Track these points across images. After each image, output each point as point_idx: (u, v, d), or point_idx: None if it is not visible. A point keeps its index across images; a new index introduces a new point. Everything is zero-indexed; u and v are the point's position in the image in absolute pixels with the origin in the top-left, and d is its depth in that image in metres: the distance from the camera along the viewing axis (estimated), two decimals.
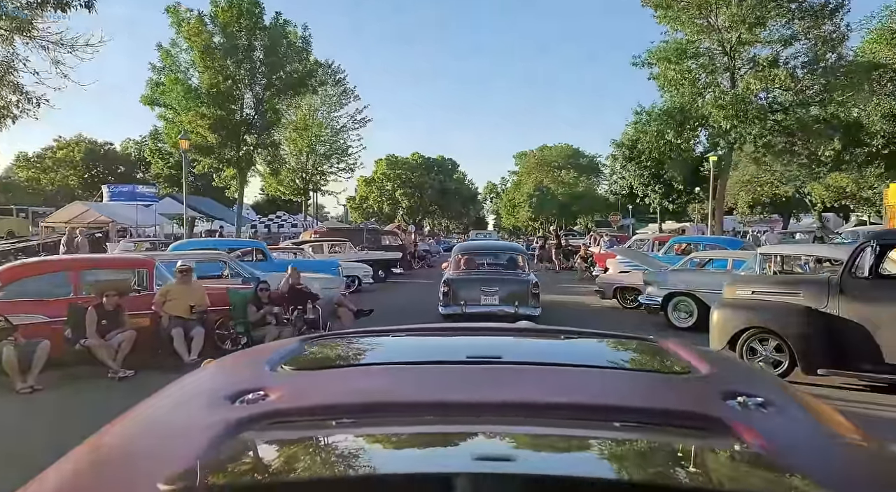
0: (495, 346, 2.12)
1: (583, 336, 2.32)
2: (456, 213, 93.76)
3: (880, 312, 7.40)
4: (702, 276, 12.41)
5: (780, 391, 1.65)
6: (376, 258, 23.49)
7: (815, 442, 1.36)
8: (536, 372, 1.68)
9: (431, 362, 1.78)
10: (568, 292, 19.51)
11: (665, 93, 26.77)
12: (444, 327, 2.57)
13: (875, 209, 46.41)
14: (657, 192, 37.09)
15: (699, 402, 1.46)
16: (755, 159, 29.51)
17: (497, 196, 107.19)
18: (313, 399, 1.45)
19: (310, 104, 41.78)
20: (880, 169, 31.27)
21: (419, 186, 77.67)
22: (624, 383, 1.67)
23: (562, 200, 73.81)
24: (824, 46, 23.97)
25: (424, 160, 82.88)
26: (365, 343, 2.26)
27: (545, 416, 1.34)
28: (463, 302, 12.16)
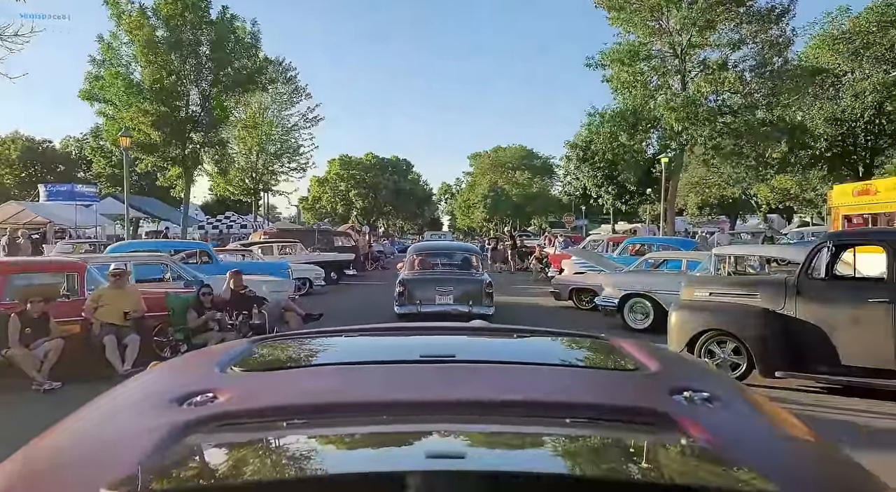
0: (449, 345, 2.10)
1: (535, 335, 2.34)
2: (411, 214, 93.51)
3: (836, 314, 7.35)
4: (658, 277, 12.35)
5: (726, 387, 1.67)
6: (328, 260, 23.00)
7: (760, 436, 1.38)
8: (489, 370, 1.68)
9: (384, 362, 1.76)
10: (523, 294, 19.34)
11: (618, 95, 26.94)
12: (398, 327, 2.55)
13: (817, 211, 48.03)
14: (610, 193, 37.45)
15: (647, 397, 1.47)
16: (705, 161, 30.00)
17: (452, 197, 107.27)
18: (264, 401, 1.42)
19: (260, 102, 40.84)
20: (823, 171, 32.22)
21: (373, 187, 77.06)
22: (575, 380, 1.69)
23: (516, 200, 74.24)
24: (771, 50, 24.50)
25: (378, 160, 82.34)
26: (317, 344, 2.22)
27: (498, 413, 1.34)
28: (418, 302, 12.35)
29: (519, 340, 2.28)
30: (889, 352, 7.00)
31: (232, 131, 36.62)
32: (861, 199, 20.76)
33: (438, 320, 11.49)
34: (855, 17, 29.94)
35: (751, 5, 24.53)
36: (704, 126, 23.74)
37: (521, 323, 12.54)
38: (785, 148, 26.95)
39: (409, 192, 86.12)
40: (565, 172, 47.31)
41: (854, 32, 29.27)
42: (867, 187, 20.68)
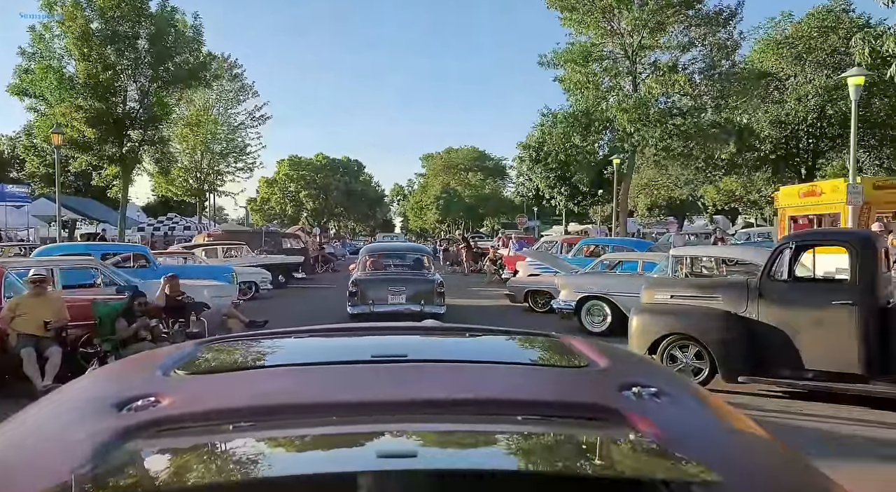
0: (400, 345, 2.07)
1: (487, 334, 2.34)
2: (362, 215, 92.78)
3: (799, 316, 7.16)
4: (615, 279, 12.12)
5: (674, 382, 1.70)
6: (276, 262, 22.35)
7: (705, 430, 1.41)
8: (441, 369, 1.69)
9: (335, 363, 1.76)
10: (478, 296, 18.99)
11: (570, 96, 26.90)
12: (349, 327, 2.54)
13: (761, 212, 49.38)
14: (563, 194, 37.54)
15: (596, 393, 1.49)
16: (656, 162, 30.30)
17: (404, 198, 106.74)
18: (209, 404, 1.38)
19: (204, 99, 39.47)
20: (768, 173, 32.96)
21: (324, 188, 75.99)
22: (526, 377, 1.70)
23: (469, 202, 74.19)
24: (719, 53, 24.81)
25: (329, 161, 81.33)
26: (265, 345, 2.17)
27: (450, 412, 1.34)
28: (371, 301, 12.53)
29: (471, 339, 2.27)
30: (853, 355, 6.84)
31: (174, 129, 35.22)
32: (807, 200, 21.13)
33: (391, 320, 11.56)
34: (797, 23, 30.71)
35: (699, 8, 24.82)
36: (656, 127, 23.88)
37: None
38: (733, 149, 27.37)
39: (360, 193, 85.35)
40: (518, 174, 47.32)
41: (796, 37, 30.00)
42: (812, 189, 21.06)
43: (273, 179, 75.60)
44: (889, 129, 28.83)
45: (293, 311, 15.68)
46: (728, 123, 25.02)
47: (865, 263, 6.90)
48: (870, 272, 6.89)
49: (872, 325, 6.79)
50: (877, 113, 28.42)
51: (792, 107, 28.86)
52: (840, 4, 29.88)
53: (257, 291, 18.69)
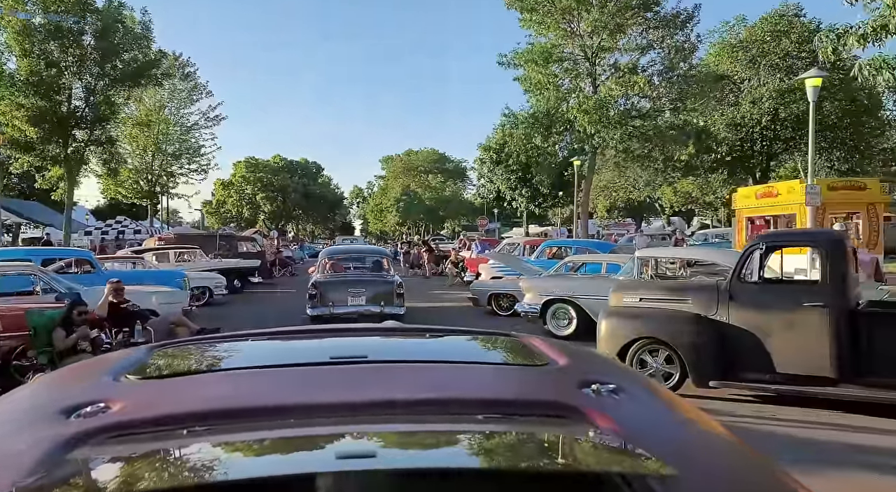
0: (360, 346, 2.07)
1: (447, 334, 2.34)
2: (322, 217, 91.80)
3: (770, 319, 7.01)
4: (580, 281, 11.91)
5: (631, 379, 1.72)
6: (231, 267, 21.66)
7: (662, 425, 1.44)
8: (401, 370, 1.68)
9: (293, 365, 1.71)
10: (440, 299, 18.65)
11: (531, 96, 26.81)
12: (307, 329, 2.51)
13: (716, 213, 50.33)
14: (524, 195, 37.49)
15: (556, 391, 1.51)
16: (617, 164, 30.47)
17: (364, 201, 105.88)
18: (162, 409, 1.34)
19: (156, 98, 38.20)
20: (724, 175, 33.51)
21: (281, 190, 74.78)
22: (486, 376, 1.70)
23: (429, 204, 73.89)
24: (677, 55, 25.01)
25: (287, 163, 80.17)
26: (222, 349, 2.14)
27: (410, 412, 1.33)
28: (331, 303, 12.61)
29: (431, 340, 2.26)
30: (824, 358, 6.71)
31: (122, 129, 33.95)
32: (763, 201, 21.39)
33: (351, 321, 10.21)
34: (751, 27, 31.32)
35: (658, 11, 24.99)
36: (616, 129, 23.94)
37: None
38: (692, 150, 27.68)
39: (319, 195, 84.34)
40: (479, 175, 47.14)
41: (750, 41, 30.59)
42: (769, 190, 21.34)
43: (229, 181, 74.08)
44: (840, 131, 29.58)
45: (249, 316, 15.13)
46: (686, 125, 25.27)
47: (836, 263, 6.79)
48: (840, 273, 6.78)
49: (843, 327, 6.67)
50: (828, 116, 29.13)
51: (747, 109, 29.39)
52: (792, 10, 30.58)
53: (211, 296, 18.07)
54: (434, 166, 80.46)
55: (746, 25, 31.76)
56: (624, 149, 26.29)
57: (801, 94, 29.13)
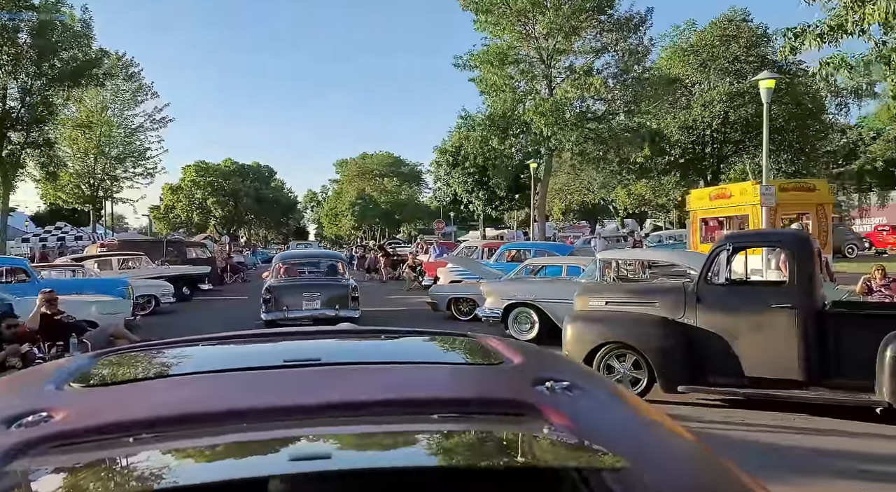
0: (314, 348, 2.02)
1: (402, 335, 2.34)
2: (275, 222, 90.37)
3: (737, 322, 6.88)
4: (541, 284, 11.69)
5: (585, 376, 1.75)
6: (180, 273, 20.92)
7: (615, 420, 1.47)
8: (356, 372, 1.67)
9: (244, 369, 1.67)
10: (398, 304, 18.25)
11: (487, 98, 26.68)
12: (259, 333, 2.39)
13: (668, 215, 51.24)
14: (481, 198, 37.35)
15: (511, 389, 1.52)
16: (573, 166, 30.61)
17: (318, 205, 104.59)
18: (108, 416, 1.32)
19: (98, 99, 36.70)
20: (676, 177, 34.02)
21: (233, 194, 73.23)
22: (441, 376, 1.70)
23: (385, 208, 73.33)
24: (631, 58, 25.23)
25: (239, 167, 78.67)
26: (171, 354, 2.07)
27: (366, 414, 1.32)
28: (285, 308, 12.61)
29: (386, 341, 2.25)
30: (792, 361, 6.59)
31: (62, 131, 32.47)
32: (717, 202, 21.67)
33: (306, 325, 9.98)
34: (700, 32, 31.91)
35: (611, 14, 25.17)
36: (572, 131, 23.96)
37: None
38: (647, 152, 27.96)
39: (272, 200, 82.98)
40: (435, 178, 46.86)
41: (700, 45, 31.15)
42: (722, 191, 21.64)
43: (178, 185, 72.10)
44: (787, 134, 30.33)
45: (198, 325, 14.40)
46: (641, 128, 25.50)
47: (803, 264, 6.69)
48: (808, 274, 6.68)
49: (811, 329, 6.57)
50: (776, 119, 29.82)
51: (699, 112, 29.87)
52: (740, 14, 31.26)
53: (157, 305, 17.37)
54: (389, 170, 79.89)
55: (696, 30, 32.36)
56: (580, 151, 26.39)
57: (750, 98, 29.82)
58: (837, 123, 37.20)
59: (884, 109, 44.43)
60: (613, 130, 24.80)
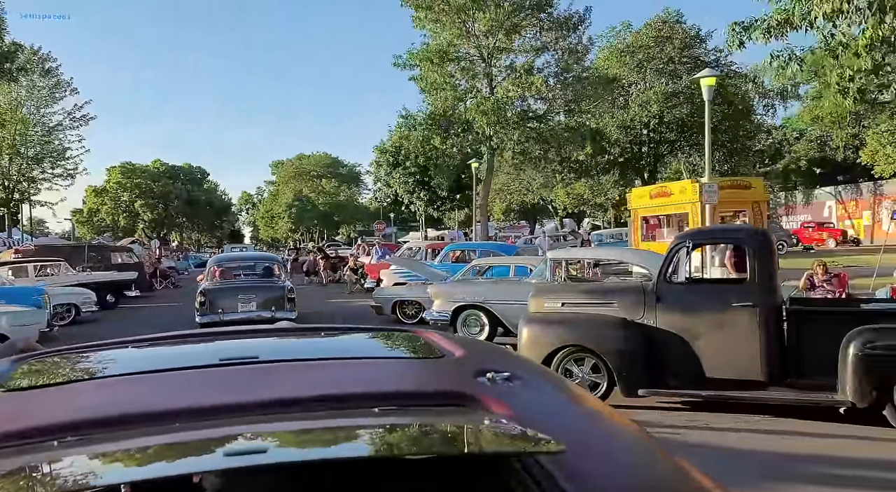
0: (251, 347, 1.96)
1: (342, 332, 2.35)
2: (208, 225, 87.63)
3: (698, 321, 6.65)
4: (491, 286, 11.31)
5: (525, 367, 1.77)
6: (104, 280, 19.77)
7: (555, 409, 1.50)
8: (294, 369, 1.65)
9: (178, 369, 1.64)
10: (341, 308, 17.56)
11: (428, 97, 26.26)
12: (194, 333, 2.32)
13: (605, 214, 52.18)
14: (422, 199, 36.88)
15: (452, 381, 1.53)
16: (515, 166, 30.54)
17: (253, 207, 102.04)
18: (29, 421, 1.28)
19: (12, 95, 34.38)
20: (615, 177, 34.47)
21: (163, 197, 70.42)
22: (381, 371, 1.69)
23: (323, 209, 72.04)
24: (571, 57, 25.26)
25: (168, 168, 75.83)
26: (100, 357, 1.98)
27: (304, 410, 1.31)
28: (220, 310, 12.61)
29: (325, 338, 2.23)
30: (754, 361, 6.40)
31: None
32: (657, 201, 21.91)
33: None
34: (636, 33, 32.39)
35: (551, 12, 25.15)
36: (514, 130, 23.80)
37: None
38: (589, 151, 28.13)
39: (204, 202, 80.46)
40: (376, 179, 46.08)
41: (636, 46, 31.61)
42: (662, 190, 21.88)
43: (103, 187, 68.83)
44: (720, 133, 31.09)
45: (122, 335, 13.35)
46: (581, 127, 25.60)
47: (764, 261, 6.51)
48: (769, 271, 6.51)
49: (773, 327, 6.40)
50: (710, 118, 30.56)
51: (636, 112, 30.28)
52: (673, 16, 31.88)
53: (78, 314, 16.38)
54: (327, 171, 78.62)
55: (632, 31, 32.83)
56: (521, 150, 26.29)
57: (685, 98, 30.47)
58: (765, 123, 38.54)
59: (806, 111, 46.59)
60: (554, 129, 24.80)
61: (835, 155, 45.09)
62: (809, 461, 5.58)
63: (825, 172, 45.06)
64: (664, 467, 1.34)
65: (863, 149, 40.35)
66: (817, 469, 5.39)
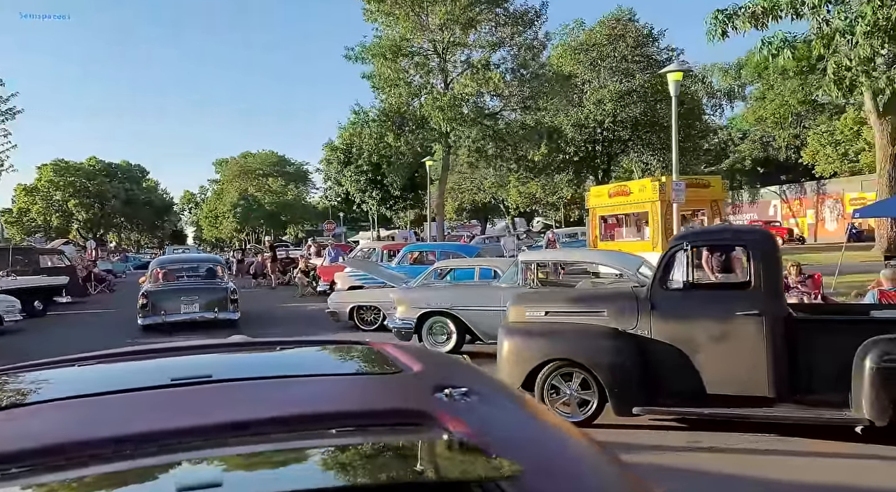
0: (204, 364, 1.89)
1: (298, 346, 2.28)
2: (149, 225, 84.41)
3: (698, 331, 6.05)
4: (458, 290, 10.55)
5: (484, 382, 1.73)
6: (30, 286, 18.22)
7: (513, 425, 1.47)
8: (249, 388, 1.61)
9: (126, 391, 1.56)
10: (292, 314, 16.49)
11: (380, 93, 25.37)
12: (144, 350, 2.20)
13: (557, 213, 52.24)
14: (374, 198, 35.86)
15: (409, 398, 1.51)
16: (470, 164, 29.92)
17: (196, 206, 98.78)
18: None
19: None
20: (569, 175, 34.26)
21: (99, 196, 67.30)
22: (338, 389, 1.66)
23: (269, 208, 70.10)
24: (527, 53, 24.75)
25: (105, 166, 72.60)
26: (39, 377, 1.86)
27: (261, 433, 1.27)
28: (163, 312, 12.61)
29: (280, 353, 2.16)
30: (761, 375, 5.84)
31: None
32: (616, 200, 21.59)
33: (186, 329, 10.73)
34: (589, 31, 32.23)
35: (507, 7, 24.60)
36: (471, 127, 23.14)
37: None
38: (545, 150, 27.71)
39: (144, 201, 77.39)
40: (326, 177, 44.64)
41: (590, 44, 31.43)
42: (621, 188, 21.57)
43: (34, 186, 65.26)
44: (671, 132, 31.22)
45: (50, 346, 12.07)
46: (538, 125, 25.13)
47: (770, 265, 5.96)
48: (774, 276, 5.97)
49: (780, 338, 5.85)
50: (662, 117, 30.63)
51: (591, 110, 30.07)
52: (626, 14, 31.82)
53: (0, 324, 14.77)
54: (274, 169, 76.52)
55: (585, 29, 32.65)
56: (477, 148, 25.69)
57: (638, 97, 30.47)
58: (713, 123, 39.08)
59: (750, 111, 47.65)
60: (511, 126, 24.24)
61: (777, 155, 46.29)
62: (824, 489, 5.04)
63: (768, 171, 46.13)
64: (623, 486, 1.32)
65: (804, 149, 41.44)
66: None
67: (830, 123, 38.10)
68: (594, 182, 34.29)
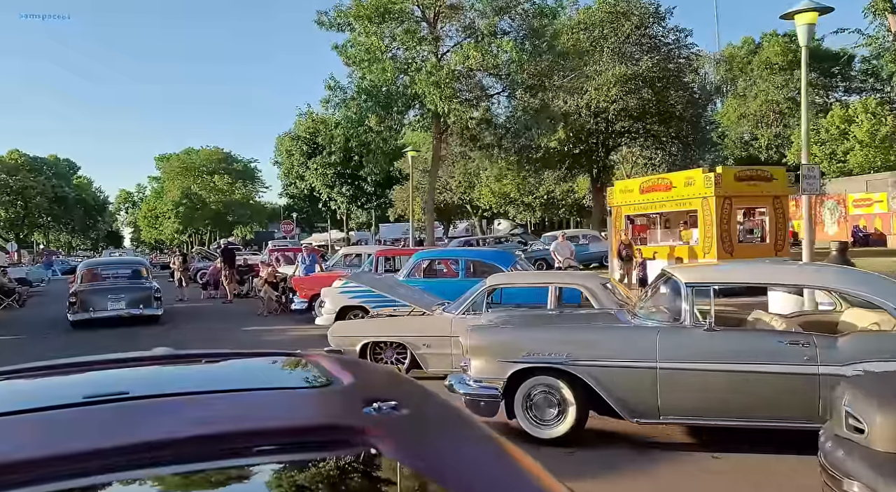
0: (122, 379, 1.77)
1: (225, 358, 2.15)
2: (80, 226, 77.68)
3: None
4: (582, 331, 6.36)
5: (414, 393, 1.68)
6: None
7: (441, 439, 1.43)
8: (168, 405, 1.50)
9: (32, 410, 1.44)
10: (266, 342, 12.04)
11: (358, 69, 21.17)
12: (57, 364, 2.05)
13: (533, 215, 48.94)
14: (344, 194, 31.37)
15: (337, 413, 1.47)
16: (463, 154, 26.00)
17: (134, 206, 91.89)
18: None
19: None
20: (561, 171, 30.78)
21: (21, 193, 60.92)
22: (263, 404, 1.54)
23: (215, 208, 64.63)
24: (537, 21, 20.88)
25: (29, 160, 66.12)
26: None
27: (177, 454, 1.21)
28: (91, 309, 13.80)
29: (206, 366, 2.02)
30: None
31: None
32: (650, 196, 18.03)
33: (113, 323, 13.46)
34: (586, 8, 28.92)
35: None
36: (473, 108, 19.20)
37: None
38: (562, 134, 23.97)
39: (75, 199, 70.85)
40: (285, 171, 39.50)
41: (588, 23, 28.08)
42: (660, 182, 17.99)
43: None
44: (683, 122, 28.05)
45: None
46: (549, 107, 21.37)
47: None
48: None
49: None
50: (674, 105, 27.43)
51: (593, 96, 26.52)
52: None
53: None
54: (219, 166, 70.72)
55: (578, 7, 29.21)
56: (471, 136, 21.83)
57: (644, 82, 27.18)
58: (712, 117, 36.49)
59: (731, 108, 45.41)
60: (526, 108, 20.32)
61: (759, 154, 44.10)
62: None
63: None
64: None
65: (789, 148, 39.20)
66: None
67: (815, 120, 35.90)
68: (590, 179, 30.87)
